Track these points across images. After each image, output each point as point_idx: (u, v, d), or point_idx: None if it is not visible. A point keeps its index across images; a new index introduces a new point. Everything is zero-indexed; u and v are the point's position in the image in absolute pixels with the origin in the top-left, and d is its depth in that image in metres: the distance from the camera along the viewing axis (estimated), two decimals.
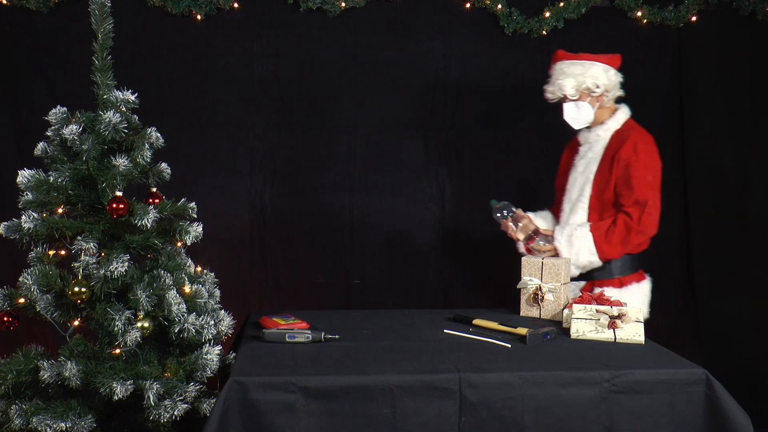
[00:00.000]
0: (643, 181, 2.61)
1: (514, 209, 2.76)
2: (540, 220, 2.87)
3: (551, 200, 3.61)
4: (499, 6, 3.40)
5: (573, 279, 2.64)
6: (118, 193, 1.99)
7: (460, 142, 3.52)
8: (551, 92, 2.79)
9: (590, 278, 2.68)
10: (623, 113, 2.80)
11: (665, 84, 3.59)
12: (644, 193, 2.59)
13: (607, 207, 2.67)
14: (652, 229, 2.62)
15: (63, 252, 2.11)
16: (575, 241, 2.61)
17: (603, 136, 2.76)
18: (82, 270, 1.96)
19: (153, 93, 3.21)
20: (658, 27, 3.51)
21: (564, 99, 2.75)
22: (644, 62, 3.57)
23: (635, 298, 2.61)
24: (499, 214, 2.77)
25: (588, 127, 2.80)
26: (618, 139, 2.73)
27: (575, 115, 2.77)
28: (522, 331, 2.13)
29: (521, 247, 2.81)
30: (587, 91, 2.72)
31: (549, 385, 1.81)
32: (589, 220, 2.69)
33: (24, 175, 2.03)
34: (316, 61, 3.41)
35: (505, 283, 2.80)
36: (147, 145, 2.08)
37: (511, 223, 2.74)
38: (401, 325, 2.33)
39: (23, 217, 1.98)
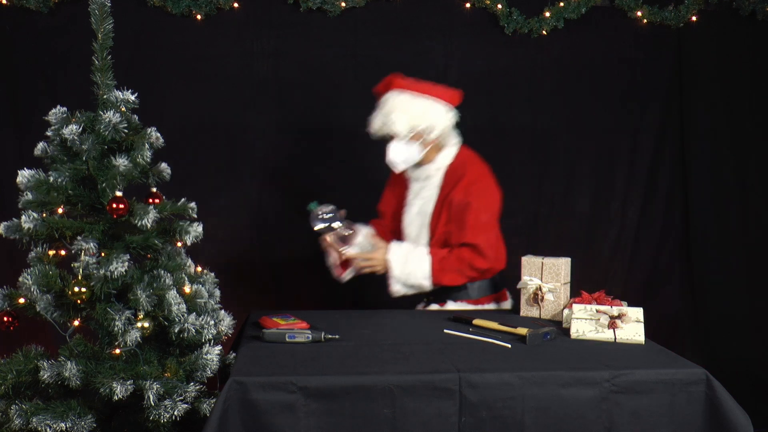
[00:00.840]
0: (477, 223, 2.49)
1: (340, 221, 2.44)
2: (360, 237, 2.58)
3: (553, 199, 3.63)
4: (499, 6, 3.40)
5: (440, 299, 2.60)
6: (118, 193, 1.98)
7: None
8: (378, 127, 2.48)
9: (449, 298, 2.63)
10: (454, 146, 2.62)
11: (665, 84, 3.59)
12: (476, 236, 2.48)
13: (440, 241, 2.60)
14: (490, 264, 2.53)
15: (63, 252, 2.11)
16: (411, 262, 2.51)
17: (435, 174, 2.59)
18: (82, 270, 1.96)
19: (153, 93, 3.20)
20: (658, 27, 3.52)
21: (389, 137, 2.49)
22: (644, 62, 3.57)
23: None
24: (321, 224, 2.44)
25: (417, 164, 2.58)
26: (453, 175, 2.57)
27: (401, 157, 2.52)
28: (522, 331, 2.13)
29: (335, 264, 2.63)
30: (422, 133, 2.47)
31: (549, 385, 1.81)
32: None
33: (24, 175, 2.03)
34: (316, 61, 3.41)
35: (505, 283, 2.80)
36: (147, 145, 2.08)
37: (332, 238, 2.45)
38: (401, 325, 2.33)
39: (23, 217, 1.98)
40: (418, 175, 2.64)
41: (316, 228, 2.46)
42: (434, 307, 2.65)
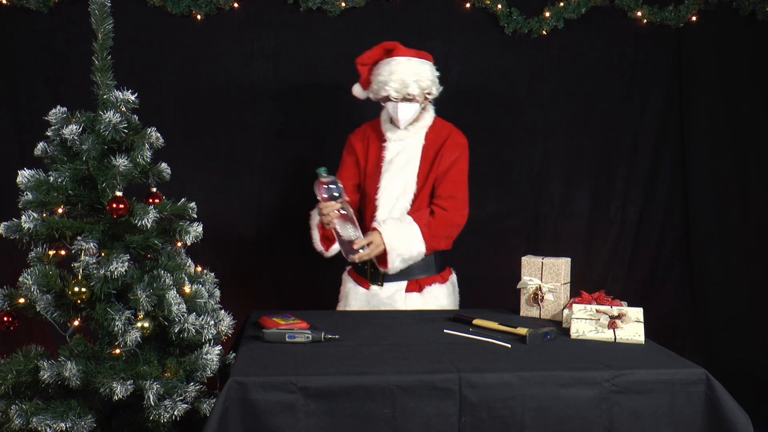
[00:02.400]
0: (462, 176, 2.73)
1: (343, 194, 2.53)
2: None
3: (553, 199, 3.63)
4: (499, 6, 3.40)
5: (390, 279, 2.68)
6: (118, 193, 1.99)
7: None
8: (393, 89, 2.61)
9: (411, 277, 2.71)
10: (432, 109, 2.79)
11: (665, 84, 3.59)
12: (459, 189, 2.71)
13: (427, 201, 2.72)
14: (463, 220, 2.73)
15: (63, 252, 2.11)
16: (405, 234, 2.61)
17: (420, 132, 2.74)
18: (82, 270, 1.96)
19: (153, 93, 3.21)
20: (658, 27, 3.52)
21: (394, 98, 2.64)
22: (644, 62, 3.57)
23: (453, 291, 2.81)
24: (326, 195, 2.51)
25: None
26: (436, 136, 2.74)
27: (409, 116, 2.68)
28: (522, 331, 2.13)
29: (319, 242, 2.75)
30: (425, 91, 2.66)
31: (549, 385, 1.81)
32: (409, 213, 2.68)
33: (24, 175, 2.03)
34: (316, 61, 3.41)
35: (505, 283, 2.80)
36: (147, 145, 2.08)
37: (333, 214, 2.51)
38: (401, 325, 2.33)
39: (23, 217, 1.98)
40: (402, 135, 2.73)
41: (321, 197, 2.52)
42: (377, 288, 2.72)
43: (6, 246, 2.34)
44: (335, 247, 2.75)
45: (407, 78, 2.61)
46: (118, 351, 1.99)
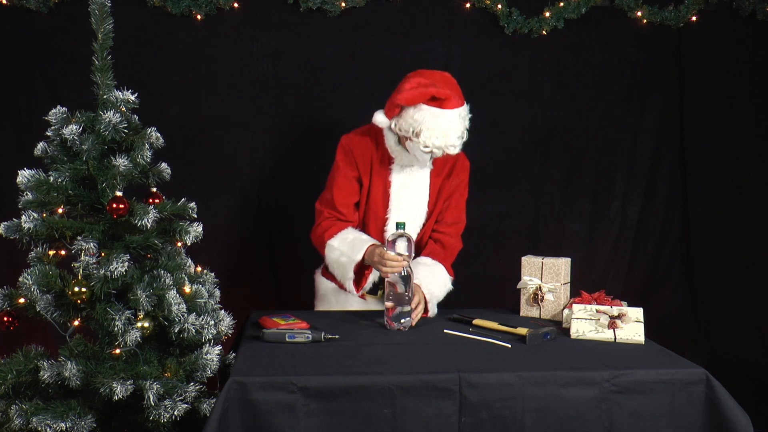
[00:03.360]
0: (464, 200, 2.70)
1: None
2: (365, 235, 2.55)
3: (553, 199, 3.63)
4: (499, 6, 3.40)
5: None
6: (118, 193, 1.99)
7: None
8: (436, 147, 2.36)
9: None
10: None
11: (665, 84, 3.59)
12: (462, 213, 2.69)
13: (431, 225, 2.67)
14: (462, 244, 2.73)
15: (63, 252, 2.11)
16: (436, 277, 2.56)
17: (428, 163, 2.54)
18: (82, 270, 1.96)
19: (153, 93, 3.20)
20: (658, 27, 3.52)
21: (436, 154, 2.42)
22: (644, 62, 3.57)
23: None
24: (404, 251, 2.29)
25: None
26: (440, 161, 2.57)
27: (429, 162, 2.50)
28: (522, 331, 2.13)
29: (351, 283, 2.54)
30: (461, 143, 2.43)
31: (549, 385, 1.81)
32: (418, 239, 2.61)
33: (24, 175, 2.03)
34: (316, 61, 3.41)
35: (505, 283, 2.80)
36: (147, 145, 2.08)
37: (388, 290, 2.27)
38: None
39: (23, 217, 1.98)
40: (411, 159, 2.51)
41: (394, 251, 2.27)
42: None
43: (6, 246, 2.34)
44: (366, 287, 2.63)
45: (454, 136, 2.37)
46: (118, 351, 1.99)
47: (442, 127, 2.35)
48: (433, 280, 2.54)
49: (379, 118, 2.50)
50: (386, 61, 3.41)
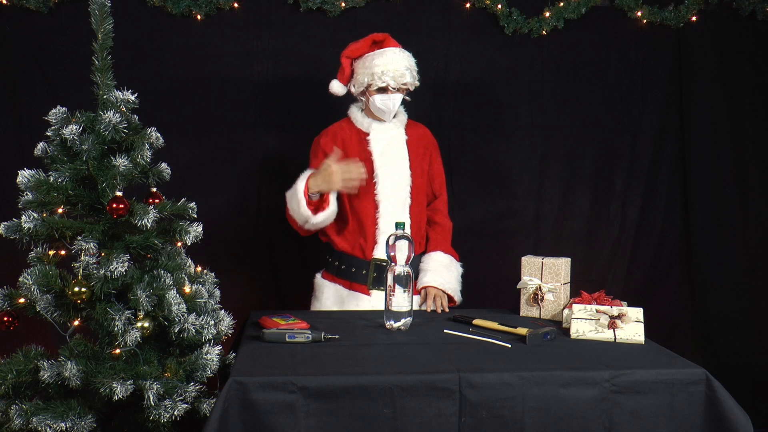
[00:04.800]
0: (443, 177, 2.88)
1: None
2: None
3: (553, 199, 3.63)
4: (499, 6, 3.40)
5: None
6: (118, 193, 1.99)
7: (460, 142, 3.52)
8: (391, 78, 2.61)
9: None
10: (403, 107, 2.81)
11: (665, 84, 3.59)
12: (446, 190, 2.90)
13: (423, 203, 2.82)
14: None
15: (63, 252, 2.11)
16: (449, 270, 2.74)
17: (400, 127, 2.78)
18: (82, 270, 1.96)
19: (153, 93, 3.21)
20: (658, 27, 3.52)
21: (385, 89, 2.64)
22: (644, 62, 3.57)
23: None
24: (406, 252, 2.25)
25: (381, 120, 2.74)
26: (415, 132, 2.81)
27: (396, 106, 2.70)
28: (522, 331, 2.13)
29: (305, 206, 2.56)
30: (414, 80, 2.70)
31: (549, 385, 1.81)
32: (411, 217, 2.73)
33: (24, 175, 2.03)
34: (316, 61, 3.41)
35: (505, 283, 2.80)
36: (147, 145, 2.09)
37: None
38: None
39: (23, 217, 1.98)
40: (386, 128, 2.75)
41: (394, 254, 2.27)
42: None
43: (6, 246, 2.34)
44: (323, 214, 2.63)
45: (402, 67, 2.64)
46: (118, 351, 1.99)
47: (388, 60, 2.63)
48: (447, 276, 2.72)
49: (335, 86, 2.77)
50: None
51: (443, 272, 2.72)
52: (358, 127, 2.77)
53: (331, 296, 2.78)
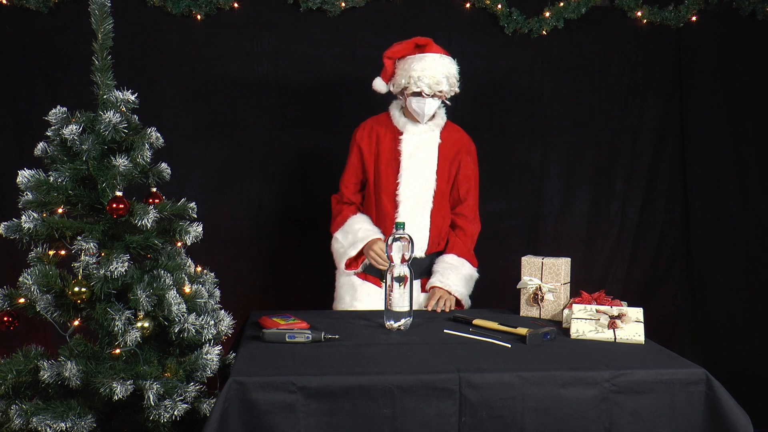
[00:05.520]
0: (475, 183, 2.86)
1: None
2: (367, 225, 2.74)
3: (553, 199, 3.63)
4: (499, 6, 3.40)
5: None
6: (118, 193, 1.99)
7: None
8: (426, 85, 2.63)
9: (428, 275, 2.78)
10: (443, 110, 2.83)
11: (665, 84, 3.59)
12: (477, 197, 2.87)
13: (447, 207, 2.80)
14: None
15: (63, 252, 2.11)
16: (461, 274, 2.73)
17: (436, 130, 2.78)
18: (82, 270, 1.96)
19: (153, 93, 3.21)
20: (658, 27, 3.52)
21: (420, 93, 2.66)
22: (644, 62, 3.57)
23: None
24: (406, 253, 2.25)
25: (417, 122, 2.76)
26: (451, 136, 2.81)
27: (431, 111, 2.72)
28: (522, 331, 2.13)
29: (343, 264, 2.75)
30: (452, 88, 2.72)
31: (549, 385, 1.81)
32: (431, 220, 2.75)
33: (24, 175, 2.03)
34: (316, 61, 3.41)
35: (505, 283, 2.80)
36: (147, 145, 2.09)
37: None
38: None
39: (23, 217, 1.98)
40: (420, 130, 2.76)
41: (392, 255, 2.26)
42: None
43: (6, 246, 2.34)
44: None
45: (440, 75, 2.64)
46: (118, 351, 1.99)
47: (426, 66, 2.64)
48: (458, 281, 2.71)
49: (377, 83, 2.79)
50: None
51: (450, 274, 2.71)
52: (394, 124, 2.79)
53: (345, 284, 2.82)
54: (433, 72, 2.64)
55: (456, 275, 2.71)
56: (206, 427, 1.69)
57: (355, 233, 2.72)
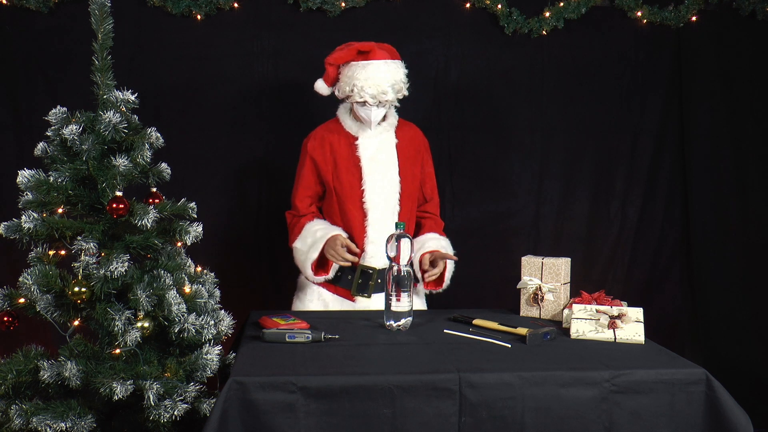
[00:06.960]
0: (434, 178, 2.85)
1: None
2: (325, 225, 2.68)
3: (553, 199, 3.63)
4: (499, 6, 3.40)
5: (378, 290, 2.64)
6: (118, 193, 1.99)
7: (460, 142, 3.52)
8: (369, 95, 2.54)
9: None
10: (393, 109, 2.74)
11: (665, 84, 3.59)
12: (436, 192, 2.87)
13: (413, 209, 2.77)
14: None
15: (63, 252, 2.11)
16: (443, 242, 2.75)
17: (390, 131, 2.71)
18: (82, 270, 1.96)
19: (153, 93, 3.21)
20: (658, 27, 3.52)
21: (371, 104, 2.58)
22: (644, 62, 3.57)
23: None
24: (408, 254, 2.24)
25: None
26: (406, 134, 2.75)
27: (378, 117, 2.64)
28: (522, 331, 2.13)
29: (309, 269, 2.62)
30: (398, 94, 2.62)
31: (549, 385, 1.81)
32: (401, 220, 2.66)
33: (24, 175, 2.03)
34: (316, 61, 3.40)
35: (505, 283, 2.80)
36: (147, 145, 2.09)
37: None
38: None
39: (23, 217, 1.98)
40: (374, 133, 2.68)
41: (393, 255, 2.22)
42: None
43: (6, 246, 2.34)
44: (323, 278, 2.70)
45: (384, 84, 2.55)
46: (118, 351, 1.99)
47: (370, 75, 2.55)
48: (446, 243, 2.76)
49: (319, 85, 2.74)
50: None
51: (434, 244, 2.72)
52: (347, 130, 2.71)
53: (314, 299, 2.74)
54: (377, 81, 2.54)
55: (438, 243, 2.72)
56: (206, 427, 1.69)
57: (313, 234, 2.63)
